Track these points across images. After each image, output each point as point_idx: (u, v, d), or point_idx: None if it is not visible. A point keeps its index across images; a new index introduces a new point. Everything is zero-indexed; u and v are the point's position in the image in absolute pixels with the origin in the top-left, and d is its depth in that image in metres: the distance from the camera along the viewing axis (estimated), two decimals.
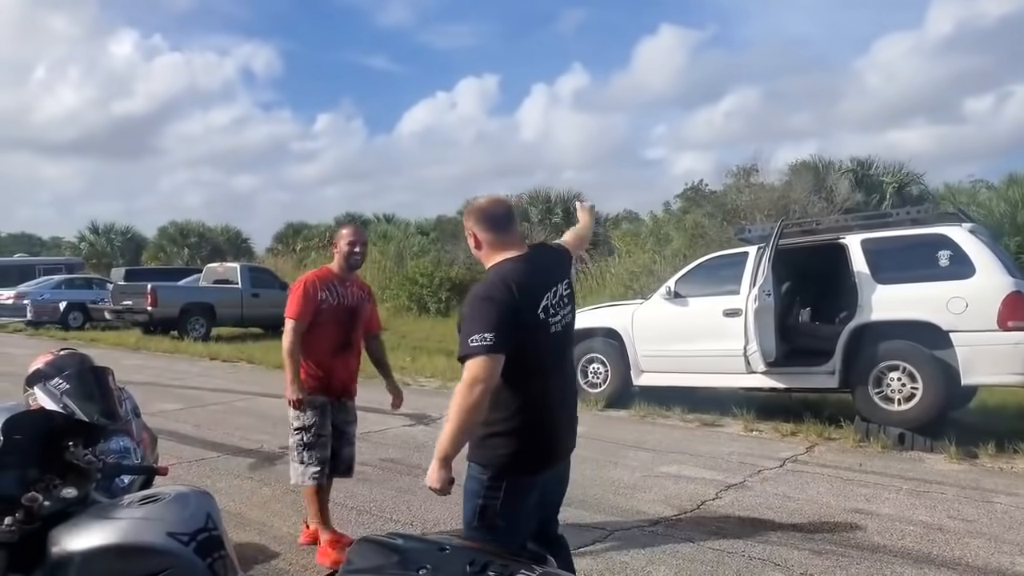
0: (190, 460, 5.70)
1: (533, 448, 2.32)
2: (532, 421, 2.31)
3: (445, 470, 2.22)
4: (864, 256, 6.64)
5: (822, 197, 16.89)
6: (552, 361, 2.39)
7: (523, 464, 2.32)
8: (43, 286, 20.26)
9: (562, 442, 2.49)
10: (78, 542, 1.80)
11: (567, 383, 2.54)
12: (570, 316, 2.47)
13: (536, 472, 2.36)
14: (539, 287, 2.34)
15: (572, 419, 2.56)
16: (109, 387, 2.87)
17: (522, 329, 2.23)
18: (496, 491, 2.29)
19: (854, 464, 5.71)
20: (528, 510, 2.36)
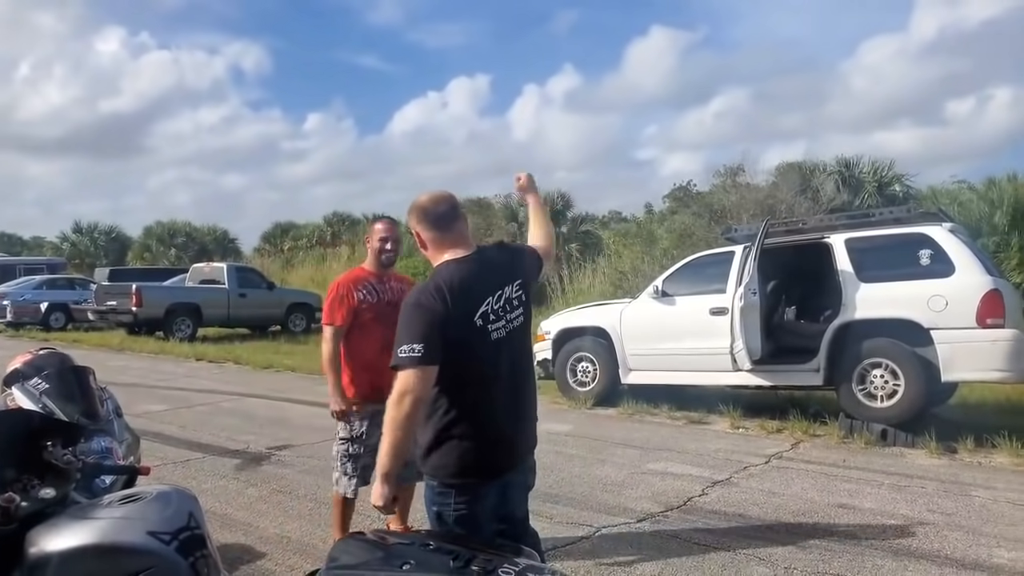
0: (175, 461, 5.67)
1: (477, 456, 2.26)
2: (474, 429, 2.25)
3: (387, 487, 2.16)
4: (848, 255, 6.70)
5: (808, 197, 17.00)
6: (493, 368, 2.29)
7: (468, 471, 2.26)
8: (24, 286, 20.02)
9: (512, 448, 2.40)
10: (56, 542, 1.78)
11: (518, 387, 2.40)
12: (520, 319, 2.36)
13: (484, 478, 2.29)
14: (479, 291, 2.26)
15: (526, 422, 2.47)
16: (90, 387, 2.85)
17: (454, 338, 2.17)
18: (447, 498, 2.26)
19: (838, 460, 5.77)
20: (485, 514, 2.31)
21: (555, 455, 5.98)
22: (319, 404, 8.66)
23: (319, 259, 25.45)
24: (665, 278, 7.82)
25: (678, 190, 23.57)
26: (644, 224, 21.29)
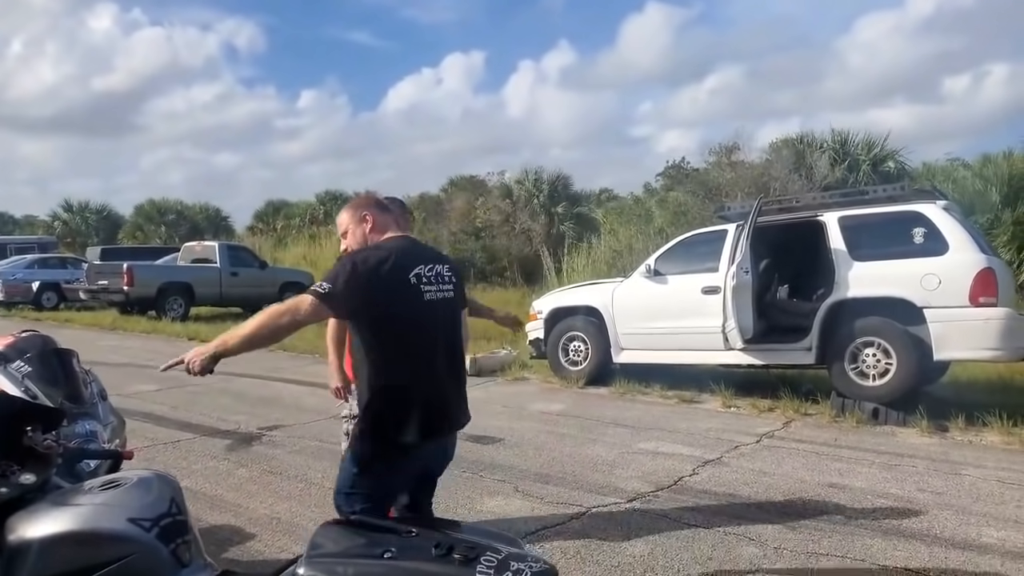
0: (165, 442, 5.65)
1: (410, 420, 2.36)
2: (411, 392, 2.37)
3: (210, 358, 2.29)
4: (841, 233, 6.68)
5: (802, 175, 16.95)
6: (432, 326, 2.44)
7: (401, 435, 2.36)
8: (15, 265, 19.89)
9: (446, 413, 2.51)
10: (36, 529, 1.76)
11: (453, 356, 2.57)
12: (451, 293, 2.51)
13: (412, 443, 2.37)
14: (414, 257, 2.46)
15: (458, 396, 2.59)
16: (73, 369, 2.82)
17: (388, 294, 2.33)
18: (372, 460, 2.38)
19: (829, 439, 5.79)
20: (401, 481, 2.48)
21: (547, 435, 6.00)
22: (310, 384, 8.68)
23: (311, 238, 25.30)
24: (657, 257, 7.79)
25: (672, 168, 23.46)
26: (639, 202, 21.24)
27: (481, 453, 5.44)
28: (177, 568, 1.79)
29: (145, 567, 1.75)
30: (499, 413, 6.80)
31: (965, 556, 3.55)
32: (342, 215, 2.66)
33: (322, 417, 3.63)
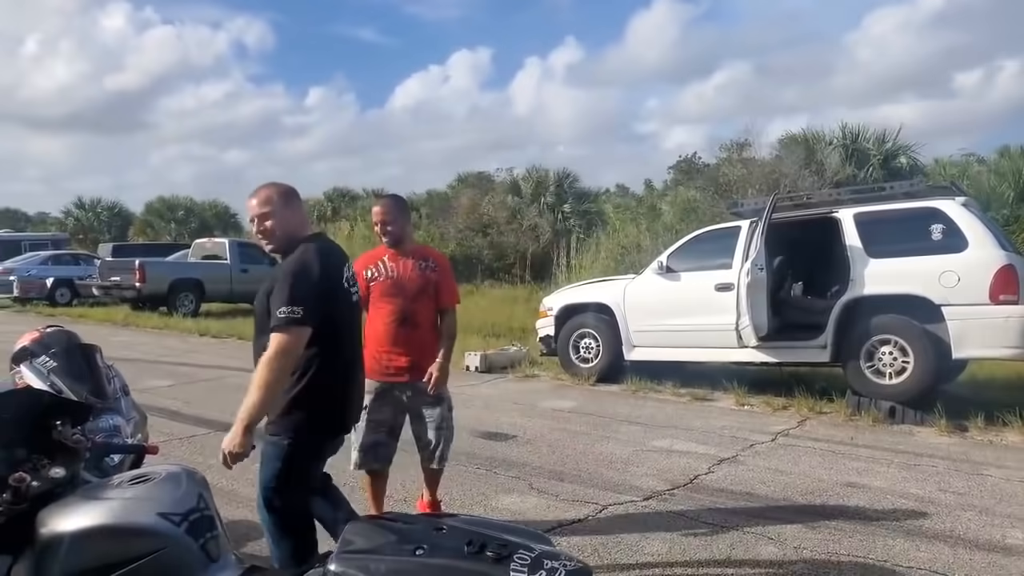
0: (180, 437, 5.67)
1: (332, 412, 2.59)
2: (334, 387, 2.56)
3: (244, 436, 2.40)
4: (857, 230, 6.63)
5: (812, 171, 16.87)
6: (357, 329, 2.73)
7: (326, 428, 2.58)
8: (30, 262, 20.02)
9: (356, 409, 2.81)
10: (67, 523, 1.76)
11: (360, 359, 2.83)
12: (357, 296, 2.75)
13: (332, 435, 2.62)
14: (340, 259, 2.65)
15: (362, 388, 2.86)
16: (97, 365, 2.83)
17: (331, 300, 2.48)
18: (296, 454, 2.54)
19: (845, 438, 5.75)
20: (318, 471, 2.71)
21: (559, 432, 5.98)
22: None
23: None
24: (670, 253, 7.76)
25: (683, 162, 23.41)
26: (645, 199, 21.18)
27: (494, 450, 5.43)
28: (206, 563, 1.79)
29: (175, 562, 1.75)
30: (510, 410, 6.80)
31: (990, 558, 3.51)
32: (263, 194, 2.57)
33: None
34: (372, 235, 18.89)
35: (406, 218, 3.74)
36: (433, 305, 3.70)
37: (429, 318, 3.70)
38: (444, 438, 3.69)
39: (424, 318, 3.67)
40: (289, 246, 2.56)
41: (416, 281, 3.64)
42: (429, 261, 3.74)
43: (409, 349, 3.60)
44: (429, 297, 3.68)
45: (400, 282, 3.64)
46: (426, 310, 3.67)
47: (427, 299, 3.67)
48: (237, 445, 2.37)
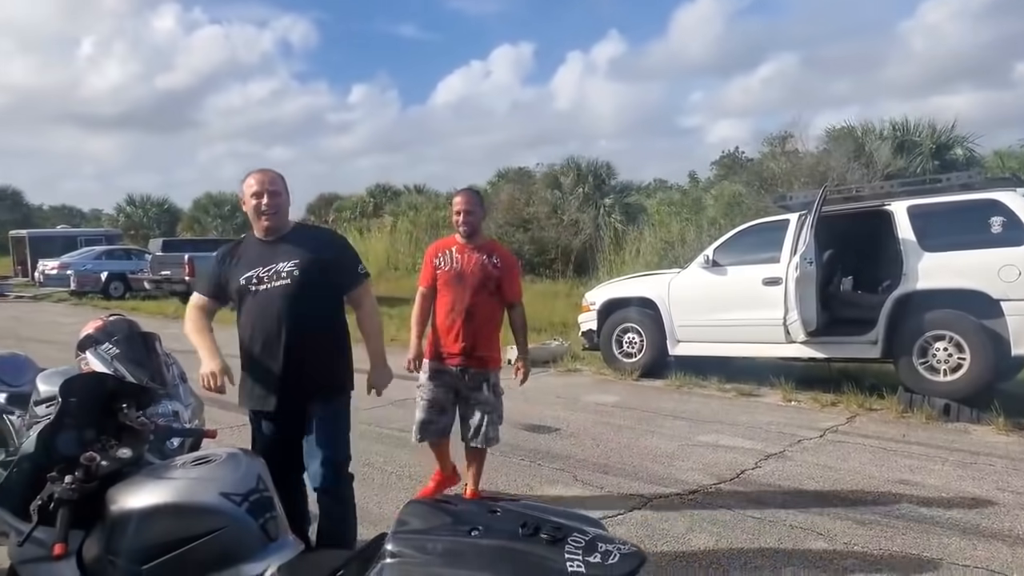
0: (231, 425, 5.79)
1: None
2: None
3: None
4: (911, 223, 6.45)
5: (862, 163, 16.45)
6: None
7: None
8: (85, 256, 20.73)
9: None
10: (136, 500, 1.83)
11: None
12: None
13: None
14: None
15: None
16: (156, 352, 2.92)
17: None
18: None
19: (897, 435, 5.62)
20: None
21: (603, 426, 5.97)
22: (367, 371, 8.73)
23: (360, 231, 25.63)
24: (716, 247, 7.66)
25: (726, 157, 23.07)
26: (690, 192, 20.92)
27: (538, 442, 5.45)
28: (265, 542, 1.84)
29: (236, 540, 1.80)
30: (553, 403, 6.80)
31: None
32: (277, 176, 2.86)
33: (379, 405, 3.65)
34: (414, 229, 18.94)
35: (482, 210, 3.99)
36: (493, 299, 3.91)
37: (487, 311, 3.90)
38: (489, 420, 3.91)
39: (482, 311, 3.87)
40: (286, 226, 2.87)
41: (477, 275, 3.86)
42: (493, 257, 3.93)
43: (464, 337, 3.84)
44: (489, 292, 3.88)
45: (462, 274, 3.87)
46: (485, 303, 3.88)
47: (487, 293, 3.87)
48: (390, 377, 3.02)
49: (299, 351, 2.75)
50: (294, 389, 2.77)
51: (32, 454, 1.95)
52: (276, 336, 2.75)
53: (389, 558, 1.53)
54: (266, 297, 2.76)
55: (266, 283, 2.75)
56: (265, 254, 2.80)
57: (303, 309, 2.76)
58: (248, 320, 2.81)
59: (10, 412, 3.22)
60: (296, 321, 2.75)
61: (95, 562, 1.85)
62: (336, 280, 2.89)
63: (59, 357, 4.83)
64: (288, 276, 2.74)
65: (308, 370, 2.77)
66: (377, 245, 22.32)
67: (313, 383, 2.79)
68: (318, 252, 2.82)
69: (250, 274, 2.77)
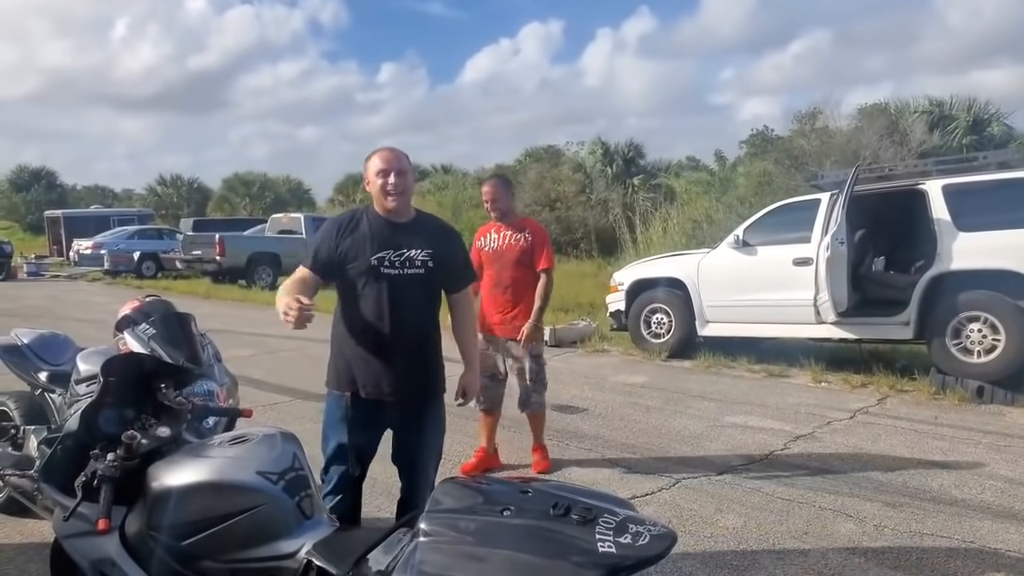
0: (264, 404, 5.91)
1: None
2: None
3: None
4: (945, 202, 6.32)
5: (895, 141, 16.11)
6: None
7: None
8: (118, 236, 21.12)
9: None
10: (175, 478, 1.89)
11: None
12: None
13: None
14: None
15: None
16: (192, 332, 2.98)
17: None
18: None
19: (929, 417, 5.55)
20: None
21: (631, 406, 5.98)
22: None
23: None
24: (746, 227, 7.58)
25: (755, 136, 22.69)
26: (717, 172, 20.66)
27: (566, 422, 5.47)
28: (301, 519, 1.88)
29: (272, 517, 1.85)
30: (581, 384, 6.82)
31: None
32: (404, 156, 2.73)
33: None
34: (441, 210, 19.06)
35: (510, 195, 4.35)
36: (530, 272, 4.25)
37: (526, 283, 4.25)
38: (533, 388, 4.30)
39: (521, 283, 4.24)
40: (410, 209, 2.73)
41: (514, 250, 4.23)
42: (526, 232, 4.29)
43: (506, 309, 4.25)
44: (525, 266, 4.24)
45: (500, 252, 4.27)
46: (523, 276, 4.24)
47: (524, 267, 4.24)
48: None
49: (421, 344, 2.67)
50: (412, 382, 2.66)
51: (75, 432, 2.01)
52: (402, 325, 2.60)
53: (422, 536, 1.56)
54: (398, 283, 2.58)
55: (398, 268, 2.59)
56: (393, 236, 2.62)
57: (428, 301, 2.68)
58: (368, 302, 2.59)
59: (51, 390, 3.32)
60: (423, 313, 2.66)
61: (137, 537, 1.91)
62: (450, 276, 2.77)
63: (95, 336, 4.96)
64: (422, 265, 2.61)
65: (426, 365, 2.71)
66: None
67: (428, 379, 2.72)
68: (444, 245, 2.71)
69: (382, 255, 2.58)
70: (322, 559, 1.75)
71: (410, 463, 2.76)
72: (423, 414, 2.71)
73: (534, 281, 4.25)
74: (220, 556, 1.82)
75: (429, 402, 2.74)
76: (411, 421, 2.69)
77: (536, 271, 4.26)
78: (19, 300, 14.22)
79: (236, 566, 1.82)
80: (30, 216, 37.84)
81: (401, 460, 2.78)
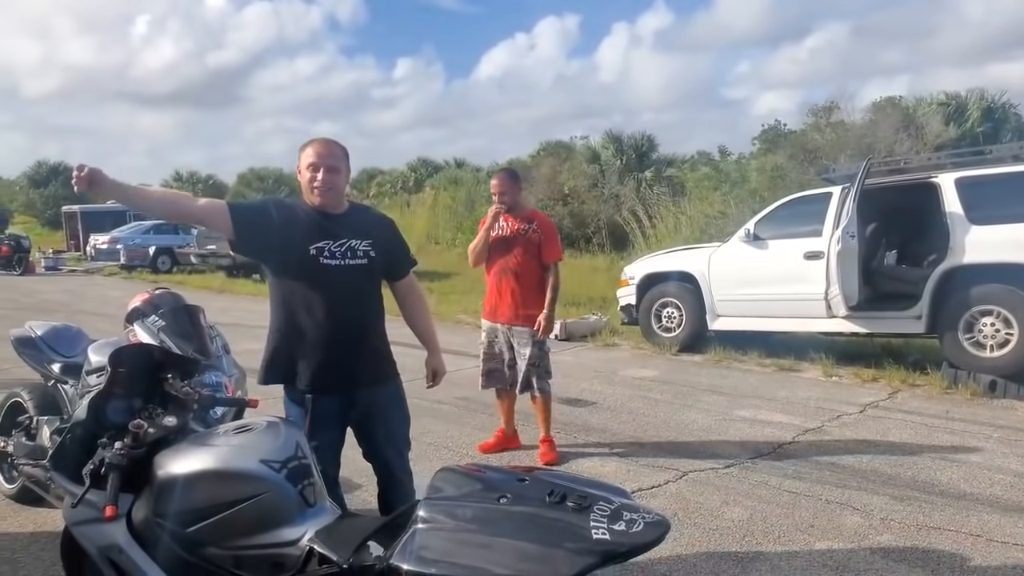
0: (275, 396, 5.93)
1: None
2: None
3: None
4: (958, 195, 6.27)
5: (910, 135, 15.93)
6: None
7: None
8: (134, 231, 21.31)
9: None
10: (180, 466, 1.92)
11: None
12: None
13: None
14: None
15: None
16: (201, 324, 3.02)
17: None
18: None
19: (940, 411, 5.51)
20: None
21: (640, 400, 5.98)
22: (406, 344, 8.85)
23: (403, 205, 25.80)
24: (757, 221, 7.55)
25: (768, 131, 22.54)
26: (722, 167, 20.53)
27: (574, 415, 5.49)
28: (304, 507, 1.91)
29: (275, 505, 1.88)
30: (590, 377, 6.83)
31: None
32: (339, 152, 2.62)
33: (420, 377, 3.72)
34: (454, 204, 19.00)
35: (517, 188, 4.45)
36: (535, 262, 4.35)
37: (530, 273, 4.34)
38: (537, 374, 4.40)
39: (524, 272, 4.34)
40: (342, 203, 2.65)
41: (520, 240, 4.34)
42: (533, 224, 4.38)
43: (511, 297, 4.35)
44: (531, 255, 4.33)
45: (506, 241, 4.37)
46: (527, 265, 4.34)
47: (529, 256, 4.34)
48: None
49: (369, 334, 2.65)
50: (365, 372, 2.63)
51: (84, 421, 2.06)
52: (349, 316, 2.57)
53: (421, 523, 1.59)
54: (340, 274, 2.53)
55: (339, 258, 2.53)
56: (331, 228, 2.55)
57: (373, 290, 2.66)
58: (311, 295, 2.54)
59: (64, 381, 3.37)
60: (368, 303, 2.63)
61: (143, 524, 1.95)
62: (391, 264, 2.74)
63: (110, 330, 5.02)
64: (364, 256, 2.58)
65: (376, 354, 2.68)
66: (417, 220, 22.44)
67: (380, 367, 2.70)
68: (382, 234, 2.69)
69: (321, 245, 2.51)
70: (324, 546, 1.78)
71: (380, 452, 2.75)
72: (383, 400, 2.70)
73: (540, 271, 4.36)
74: (224, 543, 1.86)
75: (385, 388, 2.71)
76: (373, 410, 2.67)
77: (543, 263, 4.35)
78: (37, 295, 14.40)
79: (240, 553, 1.85)
80: (48, 212, 38.28)
81: (372, 453, 2.76)
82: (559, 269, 4.41)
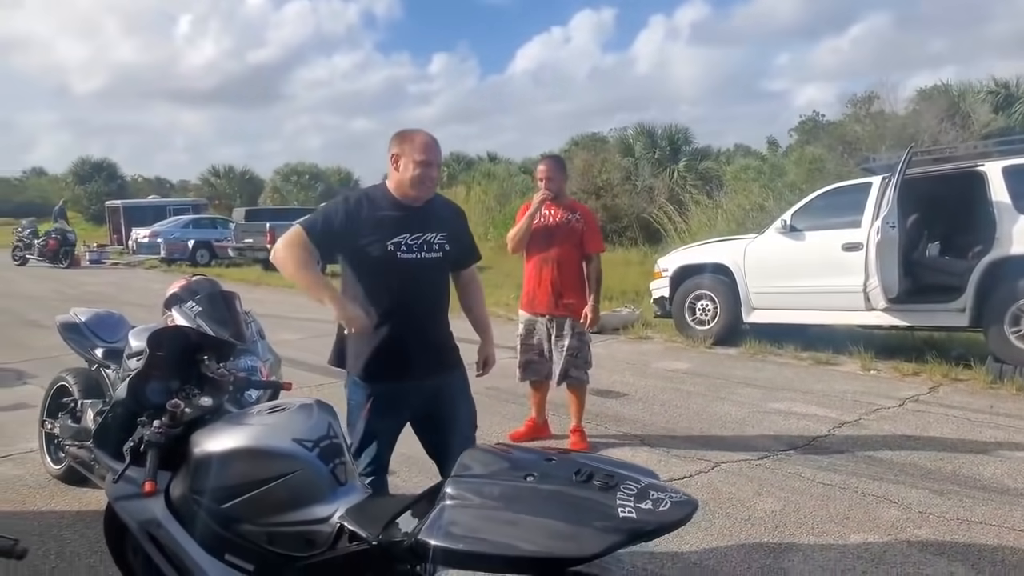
0: (310, 385, 6.05)
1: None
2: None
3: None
4: (1005, 184, 6.09)
5: (956, 124, 15.53)
6: None
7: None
8: (174, 225, 21.78)
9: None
10: (216, 444, 1.97)
11: None
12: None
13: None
14: None
15: None
16: (236, 310, 3.08)
17: None
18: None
19: (983, 406, 5.37)
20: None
21: (673, 392, 5.94)
22: None
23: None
24: (795, 212, 7.42)
25: (806, 122, 22.15)
26: (768, 158, 20.23)
27: (605, 406, 5.47)
28: (335, 486, 1.94)
29: (307, 483, 1.91)
30: (623, 369, 6.79)
31: None
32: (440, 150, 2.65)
33: None
34: (486, 199, 19.02)
35: (563, 176, 4.42)
36: (577, 252, 4.33)
37: (571, 262, 4.33)
38: (575, 364, 4.39)
39: (566, 262, 4.32)
40: None
41: (562, 230, 4.31)
42: (576, 214, 4.38)
43: (552, 287, 4.32)
44: (573, 245, 4.34)
45: (549, 230, 4.33)
46: (569, 255, 4.32)
47: (571, 246, 4.32)
48: None
49: (438, 324, 2.67)
50: (434, 361, 2.65)
51: (124, 400, 2.12)
52: (423, 309, 2.60)
53: (448, 500, 1.60)
54: (416, 267, 2.52)
55: (415, 252, 2.52)
56: (408, 220, 2.54)
57: (443, 282, 2.67)
58: (386, 287, 2.53)
59: (107, 366, 3.47)
60: (439, 294, 2.65)
61: (181, 500, 2.00)
62: (462, 255, 2.76)
63: (151, 319, 5.13)
64: (440, 249, 2.58)
65: (444, 343, 2.71)
66: None
67: (448, 355, 2.72)
68: (457, 225, 2.71)
69: (398, 240, 2.50)
70: (354, 523, 1.80)
71: (448, 438, 2.68)
72: (452, 387, 2.71)
73: (580, 262, 4.35)
74: (258, 519, 1.89)
75: (453, 376, 2.72)
76: (442, 395, 2.68)
77: (583, 253, 4.35)
78: (82, 287, 14.81)
79: (273, 529, 1.88)
80: (92, 207, 39.34)
81: (440, 439, 2.71)
82: (599, 261, 4.40)
